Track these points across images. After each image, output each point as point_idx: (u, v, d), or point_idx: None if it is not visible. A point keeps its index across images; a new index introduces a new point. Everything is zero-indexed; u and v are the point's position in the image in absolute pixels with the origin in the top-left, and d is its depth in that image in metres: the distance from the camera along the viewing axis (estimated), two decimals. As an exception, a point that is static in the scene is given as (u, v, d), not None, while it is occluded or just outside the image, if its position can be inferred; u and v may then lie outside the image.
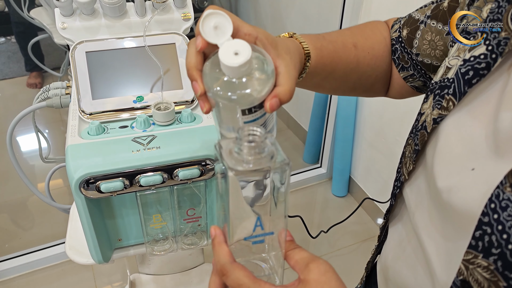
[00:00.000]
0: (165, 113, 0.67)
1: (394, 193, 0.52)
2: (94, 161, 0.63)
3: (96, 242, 0.69)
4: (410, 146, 0.47)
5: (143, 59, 0.73)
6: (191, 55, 0.40)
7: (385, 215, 0.55)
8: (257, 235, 0.40)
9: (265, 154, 0.36)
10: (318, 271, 0.37)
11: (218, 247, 0.39)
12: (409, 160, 0.47)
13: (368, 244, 1.64)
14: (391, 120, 1.53)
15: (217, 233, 0.40)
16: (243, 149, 0.36)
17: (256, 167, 0.35)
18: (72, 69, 0.70)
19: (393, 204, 0.52)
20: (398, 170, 0.52)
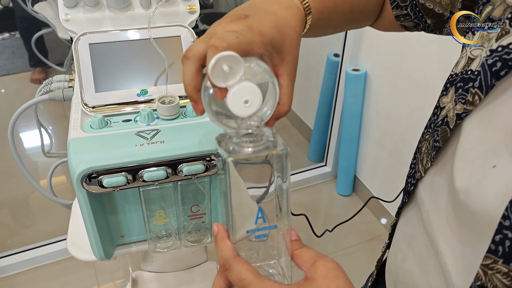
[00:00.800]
0: (169, 107, 0.66)
1: (407, 190, 0.49)
2: (96, 155, 0.61)
3: (98, 239, 0.67)
4: (427, 142, 0.45)
5: (148, 51, 0.71)
6: (190, 76, 0.38)
7: (397, 212, 0.53)
8: (259, 228, 0.39)
9: (263, 142, 0.36)
10: (325, 269, 0.36)
11: (221, 242, 0.38)
12: (426, 157, 0.45)
13: (373, 244, 1.62)
14: (398, 118, 1.50)
15: (219, 229, 0.39)
16: (241, 138, 0.36)
17: (254, 153, 0.36)
18: (75, 62, 0.69)
19: (405, 202, 0.50)
20: (412, 166, 0.50)
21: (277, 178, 0.39)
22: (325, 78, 1.81)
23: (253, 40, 0.37)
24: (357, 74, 1.59)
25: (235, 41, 0.36)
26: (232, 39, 0.36)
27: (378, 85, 1.57)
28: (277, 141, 0.38)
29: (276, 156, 0.37)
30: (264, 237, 0.40)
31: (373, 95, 1.61)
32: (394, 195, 1.56)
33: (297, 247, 0.40)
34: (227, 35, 0.36)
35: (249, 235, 0.39)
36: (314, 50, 1.95)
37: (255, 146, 0.36)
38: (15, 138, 2.00)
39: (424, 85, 1.34)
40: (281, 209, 0.40)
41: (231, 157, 0.35)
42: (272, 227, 0.39)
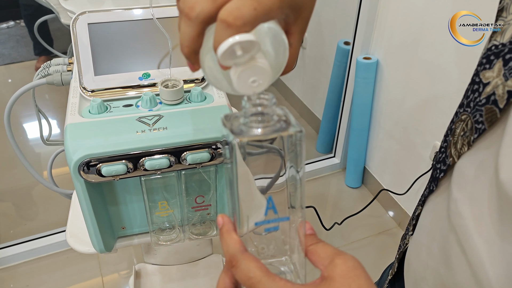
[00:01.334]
0: (173, 91, 0.62)
1: (436, 177, 0.45)
2: (95, 142, 0.57)
3: (97, 230, 0.64)
4: (463, 123, 0.40)
5: (151, 32, 0.67)
6: (190, 39, 0.32)
7: (421, 201, 0.49)
8: (269, 220, 0.35)
9: (274, 121, 0.33)
10: (345, 267, 0.32)
11: (227, 236, 0.34)
12: (461, 140, 0.40)
13: (382, 238, 1.58)
14: (411, 108, 1.45)
15: (225, 221, 0.35)
16: (249, 118, 0.32)
17: (264, 134, 0.32)
18: (73, 43, 0.65)
19: (432, 190, 0.46)
20: (441, 149, 0.45)
21: (289, 164, 0.34)
22: (335, 66, 1.76)
23: (271, 8, 0.32)
24: (368, 62, 1.54)
25: (252, 15, 0.30)
26: (249, 13, 0.30)
27: (390, 74, 1.52)
28: (290, 120, 0.33)
29: (289, 137, 0.33)
30: (275, 230, 0.36)
31: (384, 85, 1.56)
32: (405, 188, 1.51)
33: (312, 242, 0.36)
34: (243, 7, 0.30)
35: (258, 228, 0.35)
36: (324, 38, 1.90)
37: (265, 126, 0.32)
38: (17, 127, 1.98)
39: (439, 74, 1.29)
40: (294, 200, 0.36)
41: (237, 139, 0.31)
42: (283, 219, 0.35)
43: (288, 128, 0.33)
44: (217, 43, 0.31)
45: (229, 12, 0.30)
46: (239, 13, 0.30)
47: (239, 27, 0.30)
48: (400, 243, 0.59)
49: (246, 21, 0.30)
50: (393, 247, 1.55)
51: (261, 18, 0.31)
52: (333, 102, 1.83)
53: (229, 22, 0.30)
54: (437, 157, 0.46)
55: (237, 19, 0.30)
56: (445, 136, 0.45)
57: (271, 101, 0.33)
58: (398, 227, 1.62)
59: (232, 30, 0.30)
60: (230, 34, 0.30)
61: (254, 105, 0.33)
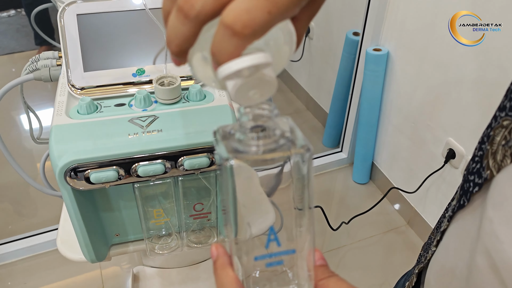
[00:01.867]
0: (169, 90, 0.57)
1: (469, 191, 0.39)
2: (82, 146, 0.52)
3: (87, 240, 0.59)
4: (506, 130, 0.34)
5: (145, 24, 0.61)
6: (184, 38, 0.26)
7: (450, 216, 0.43)
8: (271, 253, 0.30)
9: (277, 137, 0.27)
10: None
11: (221, 272, 0.30)
12: (502, 150, 0.34)
13: (390, 236, 1.53)
14: (422, 103, 1.39)
15: (219, 253, 0.31)
16: (247, 133, 0.27)
17: (264, 153, 0.26)
18: (61, 36, 0.59)
19: (463, 205, 0.40)
20: (475, 159, 0.39)
21: (296, 186, 0.29)
22: (343, 58, 1.70)
23: (288, 7, 0.25)
24: (378, 54, 1.48)
25: (265, 21, 0.24)
26: (262, 19, 0.24)
27: (400, 66, 1.45)
28: (296, 135, 0.28)
29: (295, 157, 0.27)
30: (278, 265, 0.30)
31: (394, 78, 1.49)
32: (414, 186, 1.46)
33: (323, 276, 0.31)
34: (254, 10, 0.23)
35: (258, 263, 0.30)
36: (332, 28, 1.83)
37: (266, 144, 0.27)
38: (9, 123, 1.94)
39: (452, 68, 1.22)
40: (301, 226, 0.30)
41: (233, 160, 0.26)
42: (288, 252, 0.30)
43: (294, 145, 0.27)
44: (217, 54, 0.25)
45: (236, 16, 0.23)
46: (249, 18, 0.23)
47: (247, 37, 0.24)
48: (420, 254, 0.54)
49: (257, 29, 0.23)
50: (401, 246, 1.50)
51: (275, 22, 0.24)
52: (340, 95, 1.77)
53: (235, 30, 0.23)
54: (469, 167, 0.41)
55: (246, 28, 0.23)
56: (480, 143, 0.39)
57: (273, 112, 0.27)
58: (407, 225, 1.57)
59: (238, 40, 0.24)
60: (235, 45, 0.24)
61: (253, 117, 0.27)
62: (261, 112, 0.27)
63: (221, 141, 0.28)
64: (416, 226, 1.53)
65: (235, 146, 0.27)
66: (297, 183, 0.29)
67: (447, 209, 0.47)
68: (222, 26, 0.24)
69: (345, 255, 1.44)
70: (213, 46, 0.25)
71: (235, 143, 0.27)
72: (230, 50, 0.24)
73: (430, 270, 0.49)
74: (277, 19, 0.24)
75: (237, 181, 0.27)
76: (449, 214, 0.44)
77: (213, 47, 0.25)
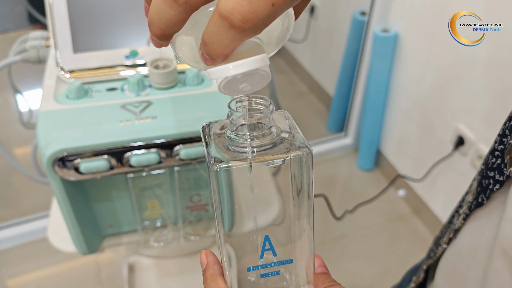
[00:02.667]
0: (164, 73, 0.53)
1: (489, 188, 0.36)
2: (71, 134, 0.49)
3: (78, 231, 0.56)
4: None
5: (139, 2, 0.57)
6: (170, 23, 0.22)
7: (466, 214, 0.40)
8: (266, 264, 0.27)
9: (272, 136, 0.24)
10: None
11: (212, 282, 0.28)
12: None
13: (395, 224, 1.50)
14: (431, 87, 1.34)
15: (209, 261, 0.28)
16: (237, 131, 0.24)
17: (258, 155, 0.23)
18: (49, 14, 0.55)
19: (481, 203, 0.37)
20: (495, 153, 0.36)
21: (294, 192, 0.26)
22: (349, 39, 1.64)
23: None
24: (387, 35, 1.42)
25: (268, 14, 0.20)
26: (265, 12, 0.20)
27: (410, 49, 1.40)
28: (294, 135, 0.25)
29: (293, 160, 0.24)
30: (274, 276, 0.27)
31: (403, 60, 1.44)
32: (421, 173, 1.42)
33: (324, 285, 0.28)
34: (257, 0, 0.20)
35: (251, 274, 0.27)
36: (338, 8, 1.77)
37: (260, 144, 0.24)
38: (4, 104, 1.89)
39: (464, 51, 1.17)
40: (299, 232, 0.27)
41: (222, 164, 0.23)
42: (286, 262, 0.27)
43: (292, 146, 0.24)
44: (209, 45, 0.21)
45: (236, 7, 0.20)
46: (250, 10, 0.20)
47: (246, 32, 0.20)
48: (430, 248, 0.51)
49: (259, 24, 0.20)
50: (406, 235, 1.47)
51: (279, 15, 0.21)
52: (346, 77, 1.72)
53: (233, 23, 0.20)
54: (488, 162, 0.37)
55: (246, 22, 0.20)
56: (501, 136, 0.36)
57: (269, 108, 0.24)
58: (413, 213, 1.54)
59: (235, 33, 0.20)
60: (231, 38, 0.21)
61: (245, 114, 0.23)
62: (256, 108, 0.24)
63: (209, 138, 0.24)
64: (421, 215, 1.50)
65: (224, 144, 0.23)
66: (296, 184, 0.25)
67: (461, 205, 0.44)
68: (218, 16, 0.20)
69: (348, 244, 1.42)
70: (205, 35, 0.21)
71: (225, 140, 0.24)
72: (225, 43, 0.21)
73: (439, 271, 0.46)
74: (281, 10, 0.21)
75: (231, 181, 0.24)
76: (464, 211, 0.40)
77: (206, 37, 0.21)
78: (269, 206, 0.26)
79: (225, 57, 0.22)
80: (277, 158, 0.23)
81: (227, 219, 0.26)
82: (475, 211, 0.39)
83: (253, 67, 0.21)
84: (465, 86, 1.20)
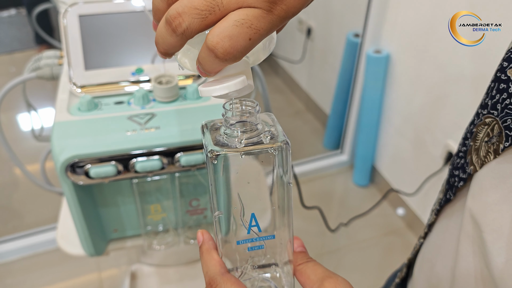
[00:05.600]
0: (167, 88, 0.58)
1: (454, 185, 0.40)
2: (82, 142, 0.54)
3: (87, 233, 0.61)
4: (488, 127, 0.35)
5: (144, 25, 0.63)
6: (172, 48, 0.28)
7: (437, 210, 0.45)
8: (253, 238, 0.32)
9: (259, 131, 0.30)
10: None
11: (207, 256, 0.32)
12: (485, 147, 0.35)
13: (389, 238, 1.54)
14: (422, 105, 1.40)
15: (205, 238, 0.33)
16: (230, 127, 0.29)
17: (246, 146, 0.29)
18: (63, 36, 0.61)
19: (450, 199, 0.41)
20: (459, 154, 0.40)
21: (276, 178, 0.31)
22: (344, 60, 1.71)
23: (268, 32, 0.27)
24: (379, 56, 1.49)
25: (245, 47, 0.26)
26: (242, 45, 0.26)
27: (401, 69, 1.46)
28: (277, 130, 0.30)
29: (275, 150, 0.29)
30: (260, 249, 0.32)
31: (395, 80, 1.50)
32: (414, 187, 1.47)
33: (302, 262, 0.33)
34: (236, 36, 0.25)
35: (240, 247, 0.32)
36: (333, 30, 1.84)
37: (249, 137, 0.29)
38: (10, 122, 1.95)
39: (451, 70, 1.23)
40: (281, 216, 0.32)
41: (217, 152, 0.28)
42: (269, 237, 0.32)
43: (275, 139, 0.29)
44: (202, 66, 0.27)
45: (219, 42, 0.25)
46: (230, 45, 0.25)
47: (227, 61, 0.26)
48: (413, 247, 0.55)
49: (237, 55, 0.26)
50: (400, 248, 1.50)
51: (255, 45, 0.27)
52: (341, 97, 1.78)
53: (217, 55, 0.26)
54: (454, 162, 0.42)
55: (226, 54, 0.25)
56: (464, 139, 0.41)
57: (255, 108, 0.30)
58: (407, 227, 1.57)
59: (219, 62, 0.26)
60: (216, 65, 0.27)
61: (237, 113, 0.29)
62: (245, 108, 0.29)
63: (207, 133, 0.30)
64: (415, 229, 1.53)
65: (219, 139, 0.29)
66: (277, 171, 0.30)
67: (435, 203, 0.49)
68: (206, 47, 0.26)
69: (344, 257, 1.45)
70: (199, 57, 0.27)
71: (220, 135, 0.29)
72: (212, 68, 0.27)
73: (417, 264, 0.50)
74: (256, 43, 0.26)
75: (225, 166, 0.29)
76: (435, 207, 0.45)
77: (200, 58, 0.27)
78: (256, 189, 0.31)
79: (215, 73, 0.28)
80: (262, 148, 0.29)
81: (222, 201, 0.31)
82: (445, 206, 0.44)
83: (233, 89, 0.27)
84: (453, 104, 1.26)
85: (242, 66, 0.28)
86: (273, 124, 0.31)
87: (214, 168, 0.29)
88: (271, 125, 0.31)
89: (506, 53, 0.37)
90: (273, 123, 0.31)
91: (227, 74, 0.28)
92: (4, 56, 2.67)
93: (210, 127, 0.31)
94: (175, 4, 0.26)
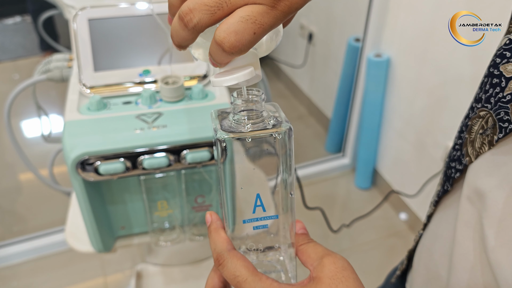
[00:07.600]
0: (173, 88, 0.60)
1: (451, 177, 0.42)
2: (92, 140, 0.56)
3: (96, 230, 0.62)
4: (483, 120, 0.37)
5: (151, 28, 0.65)
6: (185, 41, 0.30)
7: (435, 201, 0.47)
8: (258, 217, 0.34)
9: (264, 117, 0.32)
10: (333, 268, 0.32)
11: (215, 234, 0.34)
12: (480, 138, 0.37)
13: (392, 240, 1.55)
14: (422, 107, 1.42)
15: (213, 218, 0.35)
16: (238, 114, 0.32)
17: (252, 131, 0.31)
18: (73, 39, 0.64)
19: (447, 190, 0.43)
20: (456, 147, 0.42)
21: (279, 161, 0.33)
22: (345, 64, 1.73)
23: (272, 27, 0.29)
24: (379, 60, 1.51)
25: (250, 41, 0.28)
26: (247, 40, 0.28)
27: (401, 72, 1.48)
28: (280, 117, 0.33)
29: (278, 134, 0.32)
30: (264, 228, 0.34)
31: (396, 83, 1.52)
32: (415, 189, 1.48)
33: (303, 242, 0.35)
34: (241, 32, 0.28)
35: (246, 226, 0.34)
36: (334, 35, 1.87)
37: (255, 123, 0.31)
38: (20, 124, 1.98)
39: (451, 73, 1.25)
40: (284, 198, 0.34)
41: (226, 135, 0.31)
42: (272, 217, 0.34)
43: (278, 125, 0.31)
44: (213, 58, 0.30)
45: (226, 37, 0.28)
46: (236, 39, 0.28)
47: (234, 54, 0.29)
48: None
49: (243, 48, 0.28)
50: (402, 250, 1.51)
51: (260, 39, 0.29)
52: (343, 100, 1.80)
53: (224, 49, 0.28)
54: (451, 154, 0.44)
55: (233, 48, 0.28)
56: (460, 132, 0.43)
57: (261, 97, 0.32)
58: (408, 229, 1.58)
59: (227, 55, 0.29)
60: (224, 57, 0.29)
61: (243, 101, 0.31)
62: (251, 97, 0.31)
63: (216, 119, 0.32)
64: (417, 231, 1.55)
65: (228, 124, 0.31)
66: (281, 156, 0.33)
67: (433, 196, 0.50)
68: (215, 41, 0.28)
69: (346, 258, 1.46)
70: (210, 50, 0.30)
71: (228, 121, 0.31)
72: (221, 60, 0.30)
73: (417, 254, 0.52)
74: (261, 36, 0.29)
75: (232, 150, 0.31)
76: (434, 198, 0.47)
77: (210, 51, 0.30)
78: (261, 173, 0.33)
79: (225, 64, 0.30)
80: (267, 133, 0.31)
81: (229, 183, 0.33)
82: (443, 197, 0.45)
83: (242, 79, 0.30)
84: (453, 106, 1.28)
85: (251, 57, 0.30)
86: (277, 112, 0.33)
87: (222, 151, 0.31)
88: (275, 112, 0.33)
89: (499, 49, 0.39)
90: (277, 111, 0.33)
91: (237, 65, 0.30)
92: (8, 63, 2.70)
93: (220, 114, 0.33)
94: (188, 1, 0.28)
